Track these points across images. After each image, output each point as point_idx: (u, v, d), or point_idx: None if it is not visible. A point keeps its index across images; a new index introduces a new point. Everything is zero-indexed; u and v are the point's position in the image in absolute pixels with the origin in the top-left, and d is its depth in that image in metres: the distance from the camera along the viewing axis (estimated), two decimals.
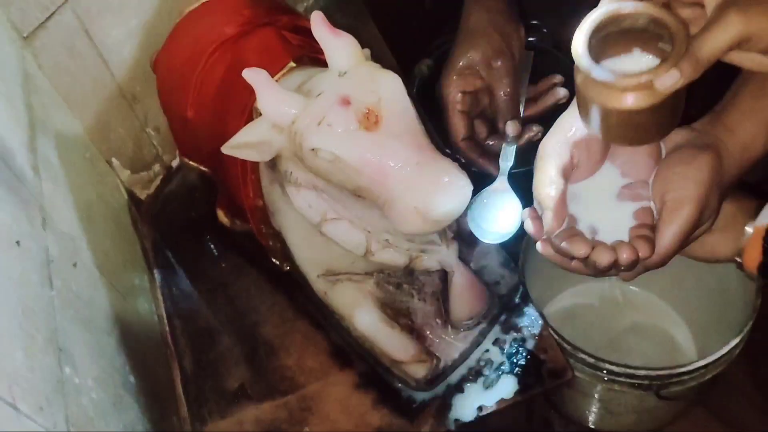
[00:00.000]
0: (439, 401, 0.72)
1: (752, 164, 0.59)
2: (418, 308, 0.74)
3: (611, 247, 0.55)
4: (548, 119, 0.67)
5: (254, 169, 0.72)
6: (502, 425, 0.77)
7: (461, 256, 0.74)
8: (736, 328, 0.82)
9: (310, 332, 0.79)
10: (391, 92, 0.58)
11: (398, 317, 0.73)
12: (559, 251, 0.57)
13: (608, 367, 0.81)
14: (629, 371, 0.80)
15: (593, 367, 0.82)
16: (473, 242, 0.78)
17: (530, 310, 0.77)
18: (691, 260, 0.65)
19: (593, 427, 0.99)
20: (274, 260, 0.80)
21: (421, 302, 0.75)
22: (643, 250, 0.55)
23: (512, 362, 0.73)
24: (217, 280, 0.85)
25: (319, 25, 0.60)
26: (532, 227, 0.60)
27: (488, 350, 0.74)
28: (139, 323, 0.75)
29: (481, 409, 0.71)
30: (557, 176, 0.58)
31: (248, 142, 0.63)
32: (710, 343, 0.90)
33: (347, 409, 0.73)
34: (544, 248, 0.58)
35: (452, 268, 0.72)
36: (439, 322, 0.74)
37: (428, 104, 0.83)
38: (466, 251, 0.76)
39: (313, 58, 0.71)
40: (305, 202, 0.68)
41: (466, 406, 0.71)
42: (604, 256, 0.55)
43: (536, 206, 0.60)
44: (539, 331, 0.75)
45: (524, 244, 0.85)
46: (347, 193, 0.62)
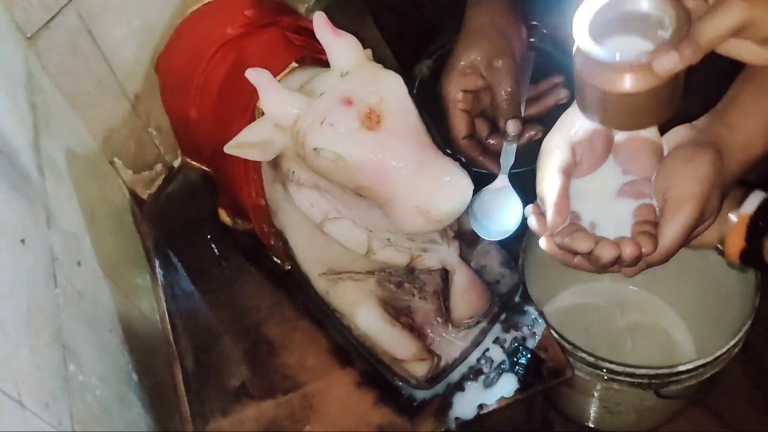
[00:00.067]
0: (439, 400, 0.72)
1: (753, 162, 0.59)
2: (419, 307, 0.75)
3: (614, 242, 0.55)
4: (549, 119, 0.67)
5: (256, 168, 0.72)
6: (502, 424, 0.77)
7: (462, 255, 0.74)
8: (734, 327, 0.82)
9: (311, 331, 0.79)
10: (392, 92, 0.58)
11: (399, 316, 0.73)
12: (562, 247, 0.57)
13: (608, 366, 0.81)
14: (629, 370, 0.81)
15: (593, 366, 0.82)
16: (474, 241, 0.78)
17: (530, 309, 0.77)
18: (690, 260, 0.65)
19: (593, 426, 1.00)
20: (275, 259, 0.80)
21: (422, 301, 0.75)
22: (646, 245, 0.55)
23: (512, 361, 0.74)
24: (218, 279, 0.85)
25: (321, 25, 0.60)
26: (535, 223, 0.59)
27: (489, 349, 0.75)
28: (141, 322, 0.75)
29: (481, 407, 0.71)
30: (559, 173, 0.59)
31: (251, 141, 0.63)
32: (709, 342, 0.90)
33: (348, 407, 0.73)
34: (547, 244, 0.59)
35: (453, 267, 0.73)
36: (439, 320, 0.74)
37: (428, 105, 0.83)
38: (466, 250, 0.76)
39: (315, 58, 0.71)
40: (307, 201, 0.68)
41: (466, 404, 0.72)
42: (607, 251, 0.55)
43: (539, 203, 0.60)
44: (539, 330, 0.75)
45: (524, 243, 0.85)
46: (349, 192, 0.62)
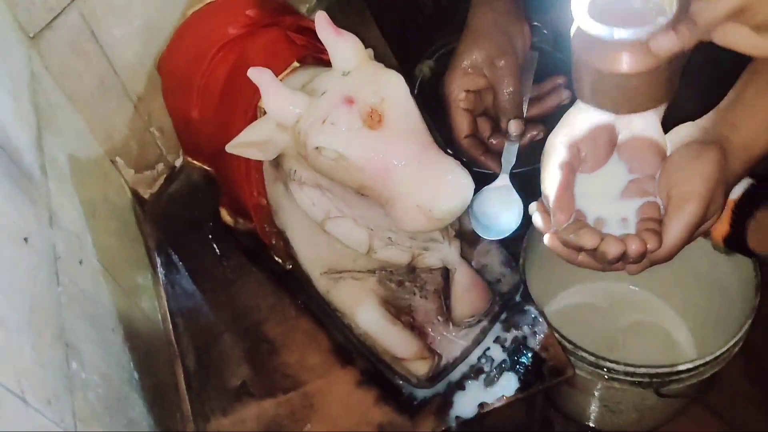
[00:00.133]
0: (440, 398, 0.72)
1: (756, 160, 0.59)
2: (419, 306, 0.75)
3: (620, 238, 0.55)
4: (551, 119, 0.67)
5: (258, 167, 0.72)
6: (502, 423, 0.78)
7: (463, 254, 0.74)
8: (734, 326, 0.82)
9: (312, 330, 0.79)
10: (394, 91, 0.59)
11: (400, 315, 0.73)
12: (566, 244, 0.57)
13: (608, 365, 0.81)
14: (629, 369, 0.81)
15: (594, 365, 0.82)
16: (475, 241, 0.78)
17: (531, 308, 0.77)
18: (690, 260, 0.65)
19: (593, 425, 1.00)
20: (276, 259, 0.80)
21: (422, 300, 0.75)
22: (651, 242, 0.55)
23: (513, 360, 0.74)
24: (219, 278, 0.85)
25: (323, 24, 0.61)
26: (539, 220, 0.59)
27: (489, 348, 0.75)
28: (143, 321, 0.75)
29: (482, 406, 0.71)
30: (560, 169, 0.59)
31: (252, 140, 0.63)
32: (709, 341, 0.91)
33: (349, 406, 0.73)
34: (551, 242, 0.58)
35: (454, 265, 0.73)
36: (440, 319, 0.74)
37: (429, 105, 0.83)
38: (467, 249, 0.77)
39: (316, 58, 0.71)
40: (309, 200, 0.68)
41: (467, 403, 0.72)
42: (613, 246, 0.55)
43: (544, 200, 0.60)
44: (540, 329, 0.75)
45: (525, 243, 0.85)
46: (350, 191, 0.62)
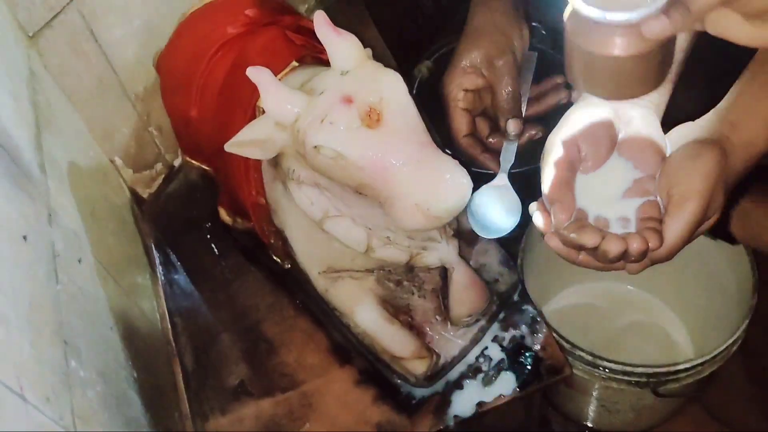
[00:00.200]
0: (438, 398, 0.72)
1: (756, 159, 0.60)
2: (418, 305, 0.75)
3: (621, 237, 0.55)
4: (550, 119, 0.67)
5: (256, 167, 0.72)
6: (500, 422, 0.78)
7: (461, 253, 0.74)
8: (732, 326, 0.82)
9: (310, 329, 0.79)
10: (392, 91, 0.59)
11: (398, 314, 0.73)
12: (567, 243, 0.57)
13: (606, 364, 0.81)
14: (627, 369, 0.81)
15: (591, 365, 0.82)
16: (473, 240, 0.78)
17: (529, 307, 0.77)
18: (688, 259, 0.66)
19: (591, 425, 1.00)
20: (275, 258, 0.80)
21: (421, 299, 0.75)
22: (652, 240, 0.55)
23: (511, 359, 0.74)
24: (218, 278, 0.85)
25: (322, 24, 0.61)
26: (540, 220, 0.59)
27: (487, 347, 0.75)
28: (141, 320, 0.75)
29: (480, 405, 0.72)
30: (555, 167, 0.59)
31: (251, 139, 0.63)
32: (707, 340, 0.91)
33: (347, 405, 0.73)
34: (552, 241, 0.58)
35: (452, 265, 0.73)
36: (438, 318, 0.74)
37: (428, 105, 0.84)
38: (465, 249, 0.77)
39: (315, 57, 0.71)
40: (307, 199, 0.68)
41: (465, 402, 0.72)
42: (614, 245, 0.55)
43: (544, 200, 0.60)
44: (538, 328, 0.76)
45: (523, 243, 0.85)
46: (349, 190, 0.63)
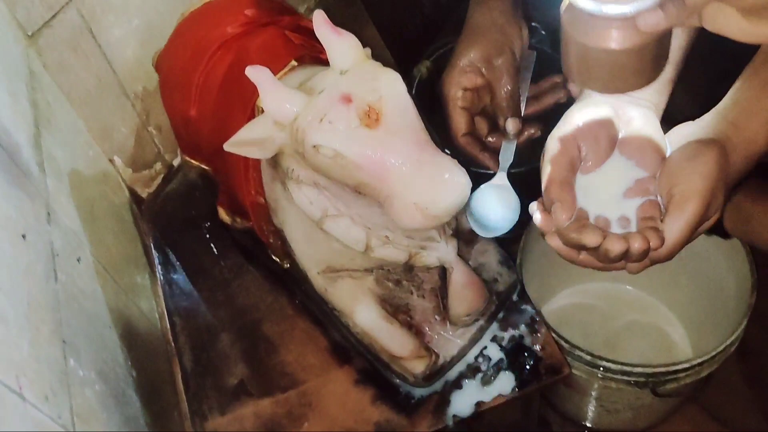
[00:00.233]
0: (437, 397, 0.72)
1: (756, 159, 0.60)
2: (417, 305, 0.75)
3: (623, 236, 0.55)
4: (549, 118, 0.67)
5: (255, 166, 0.72)
6: (499, 422, 0.78)
7: (460, 253, 0.74)
8: (730, 326, 0.82)
9: (309, 329, 0.79)
10: (391, 90, 0.59)
11: (397, 314, 0.73)
12: (568, 242, 0.57)
13: (605, 364, 0.81)
14: (626, 369, 0.81)
15: (590, 364, 0.82)
16: (472, 239, 0.78)
17: (528, 307, 0.77)
18: (686, 259, 0.66)
19: (590, 425, 1.00)
20: (274, 258, 0.80)
21: (420, 299, 0.75)
22: (653, 240, 0.55)
23: (510, 359, 0.74)
24: (217, 277, 0.85)
25: (321, 23, 0.61)
26: (540, 220, 0.59)
27: (486, 347, 0.75)
28: (140, 319, 0.75)
29: (479, 405, 0.72)
30: (551, 164, 0.59)
31: (250, 139, 0.63)
32: (705, 340, 0.91)
33: (346, 404, 0.74)
34: (553, 241, 0.58)
35: (451, 264, 0.73)
36: (437, 318, 0.74)
37: (427, 105, 0.84)
38: (464, 248, 0.77)
39: (314, 57, 0.71)
40: (306, 198, 0.68)
41: (464, 402, 0.72)
42: (616, 244, 0.55)
43: (544, 199, 0.60)
44: (537, 328, 0.76)
45: (522, 243, 0.85)
46: (348, 189, 0.63)
